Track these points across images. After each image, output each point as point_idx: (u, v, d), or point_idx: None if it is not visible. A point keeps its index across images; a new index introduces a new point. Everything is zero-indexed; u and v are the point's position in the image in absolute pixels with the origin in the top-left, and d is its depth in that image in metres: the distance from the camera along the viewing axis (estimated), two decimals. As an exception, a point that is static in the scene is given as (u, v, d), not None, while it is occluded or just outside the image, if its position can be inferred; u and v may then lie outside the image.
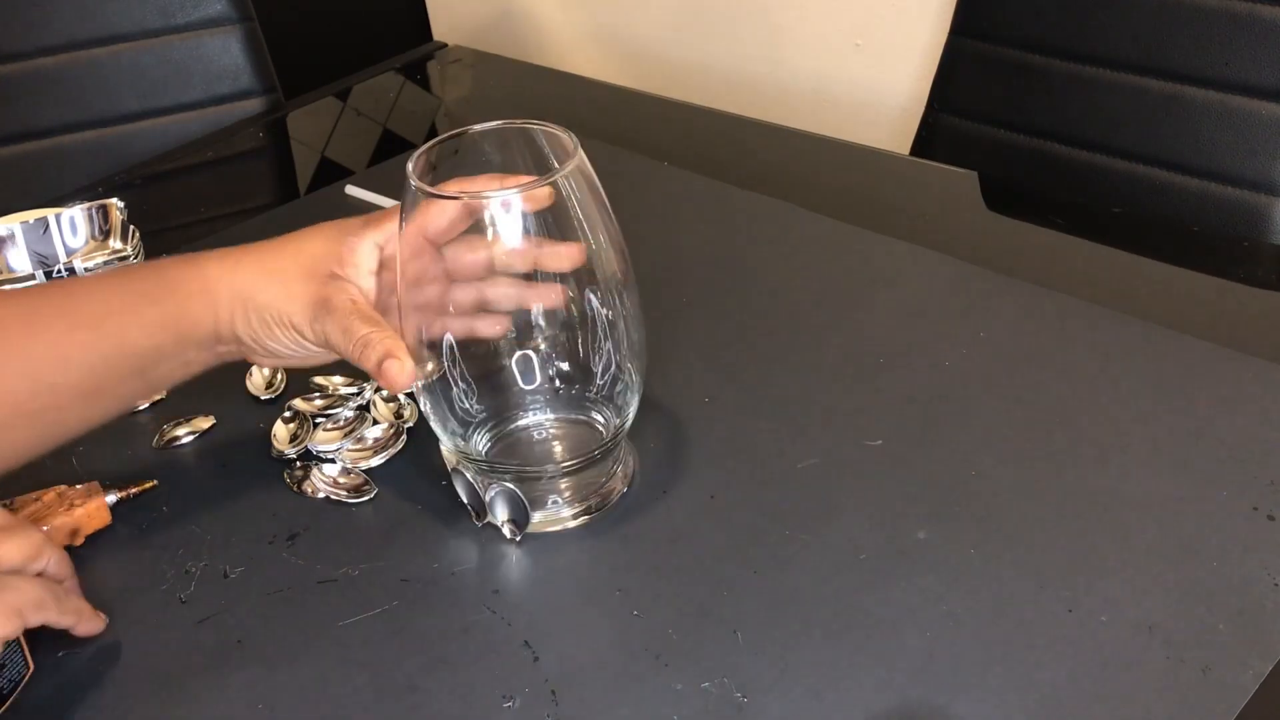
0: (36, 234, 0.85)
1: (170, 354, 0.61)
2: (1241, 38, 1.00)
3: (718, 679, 0.55)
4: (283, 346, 0.62)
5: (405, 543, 0.64)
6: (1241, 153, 1.01)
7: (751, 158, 1.06)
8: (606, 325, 0.61)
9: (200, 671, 0.57)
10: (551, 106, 1.21)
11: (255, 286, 0.61)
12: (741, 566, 0.61)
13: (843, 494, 0.65)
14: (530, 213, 0.58)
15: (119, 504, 0.66)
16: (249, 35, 1.25)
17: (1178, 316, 0.77)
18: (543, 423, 0.66)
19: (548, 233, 0.58)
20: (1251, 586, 0.57)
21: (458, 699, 0.55)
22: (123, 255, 0.82)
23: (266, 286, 0.61)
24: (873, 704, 0.53)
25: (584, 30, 1.85)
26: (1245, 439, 0.66)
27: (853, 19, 1.52)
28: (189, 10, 1.23)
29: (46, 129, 1.21)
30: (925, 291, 0.82)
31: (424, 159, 0.59)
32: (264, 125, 1.24)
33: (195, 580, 0.62)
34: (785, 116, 1.13)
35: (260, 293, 0.60)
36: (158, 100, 1.23)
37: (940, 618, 0.57)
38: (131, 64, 1.22)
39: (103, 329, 0.59)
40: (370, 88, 1.26)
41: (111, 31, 1.21)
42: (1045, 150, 1.13)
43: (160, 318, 0.60)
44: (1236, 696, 0.52)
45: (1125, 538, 0.60)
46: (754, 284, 0.84)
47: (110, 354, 0.59)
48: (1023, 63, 1.13)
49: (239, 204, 1.07)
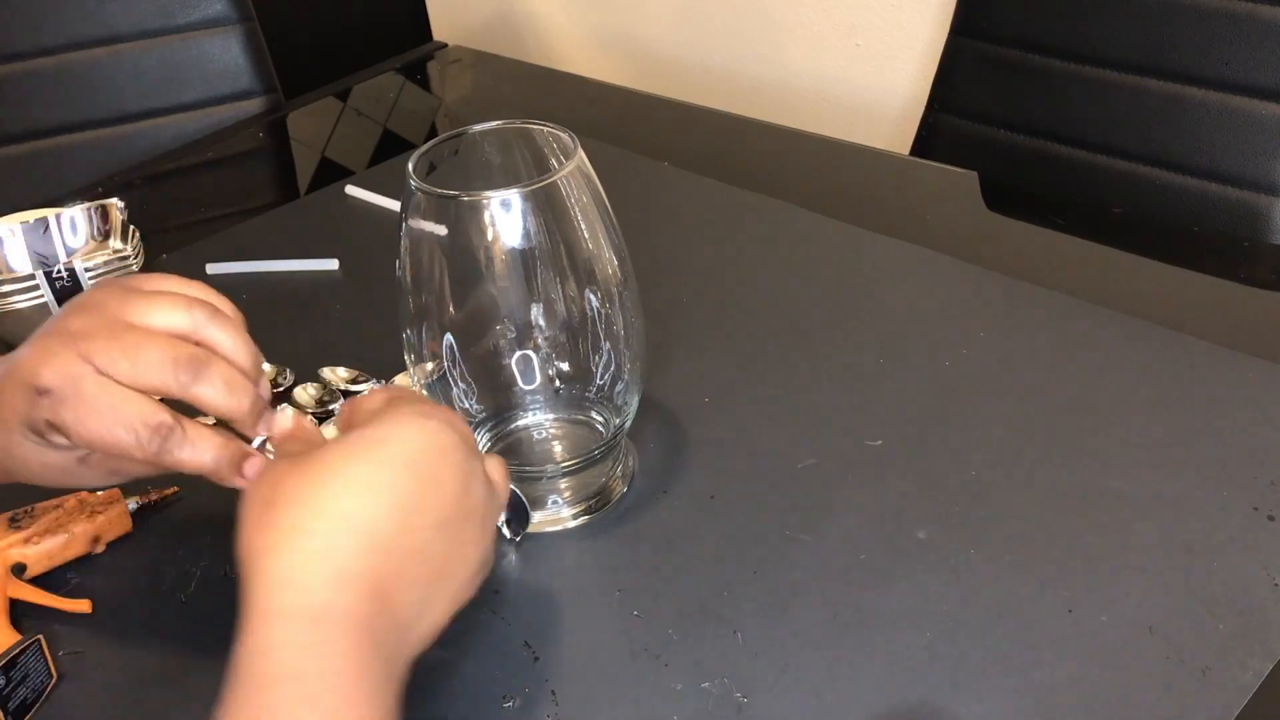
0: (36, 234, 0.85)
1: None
2: (1241, 38, 1.00)
3: (718, 679, 0.55)
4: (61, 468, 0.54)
5: (405, 543, 0.64)
6: (1241, 153, 1.01)
7: (751, 158, 1.06)
8: (606, 325, 0.61)
9: (200, 671, 0.57)
10: (551, 106, 1.21)
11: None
12: (741, 566, 0.61)
13: (843, 494, 0.65)
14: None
15: (139, 510, 0.66)
16: (249, 35, 1.25)
17: (1178, 316, 0.77)
18: (543, 423, 0.66)
19: (547, 234, 0.58)
20: (1251, 586, 0.57)
21: (458, 699, 0.55)
22: (123, 255, 0.82)
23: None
24: (873, 704, 0.53)
25: (584, 30, 1.85)
26: (1245, 439, 0.66)
27: (853, 19, 1.52)
28: (189, 10, 1.23)
29: (46, 129, 1.21)
30: (925, 291, 0.82)
31: (424, 159, 0.59)
32: (264, 125, 1.24)
33: (195, 580, 0.62)
34: (785, 116, 1.13)
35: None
36: (158, 100, 1.23)
37: (940, 618, 0.57)
38: (131, 64, 1.22)
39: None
40: (370, 88, 1.26)
41: (111, 31, 1.21)
42: (1045, 150, 1.13)
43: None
44: (1236, 696, 0.52)
45: (1125, 538, 0.60)
46: (754, 284, 0.84)
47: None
48: (1023, 63, 1.13)
49: (239, 204, 1.07)
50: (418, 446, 0.47)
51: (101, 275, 0.81)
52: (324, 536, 0.44)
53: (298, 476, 0.46)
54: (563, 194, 0.58)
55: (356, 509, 0.45)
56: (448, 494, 0.48)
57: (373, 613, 0.43)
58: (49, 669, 0.56)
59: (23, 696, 0.55)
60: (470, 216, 0.58)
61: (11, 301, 0.79)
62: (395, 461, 0.46)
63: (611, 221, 0.61)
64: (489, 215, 0.57)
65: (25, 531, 0.62)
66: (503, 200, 0.57)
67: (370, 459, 0.46)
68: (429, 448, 0.48)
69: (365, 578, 0.44)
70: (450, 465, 0.48)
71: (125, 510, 0.65)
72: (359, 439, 0.47)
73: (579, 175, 0.58)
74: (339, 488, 0.45)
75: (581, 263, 0.60)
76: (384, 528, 0.45)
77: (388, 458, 0.47)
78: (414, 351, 0.61)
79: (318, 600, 0.43)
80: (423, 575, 0.46)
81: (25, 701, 0.55)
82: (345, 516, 0.45)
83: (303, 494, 0.45)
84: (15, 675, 0.54)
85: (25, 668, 0.54)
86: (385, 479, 0.46)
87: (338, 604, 0.43)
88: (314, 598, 0.43)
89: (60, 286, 0.80)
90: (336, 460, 0.46)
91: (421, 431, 0.48)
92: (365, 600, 0.43)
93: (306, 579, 0.43)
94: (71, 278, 0.80)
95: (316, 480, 0.46)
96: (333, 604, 0.43)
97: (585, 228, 0.59)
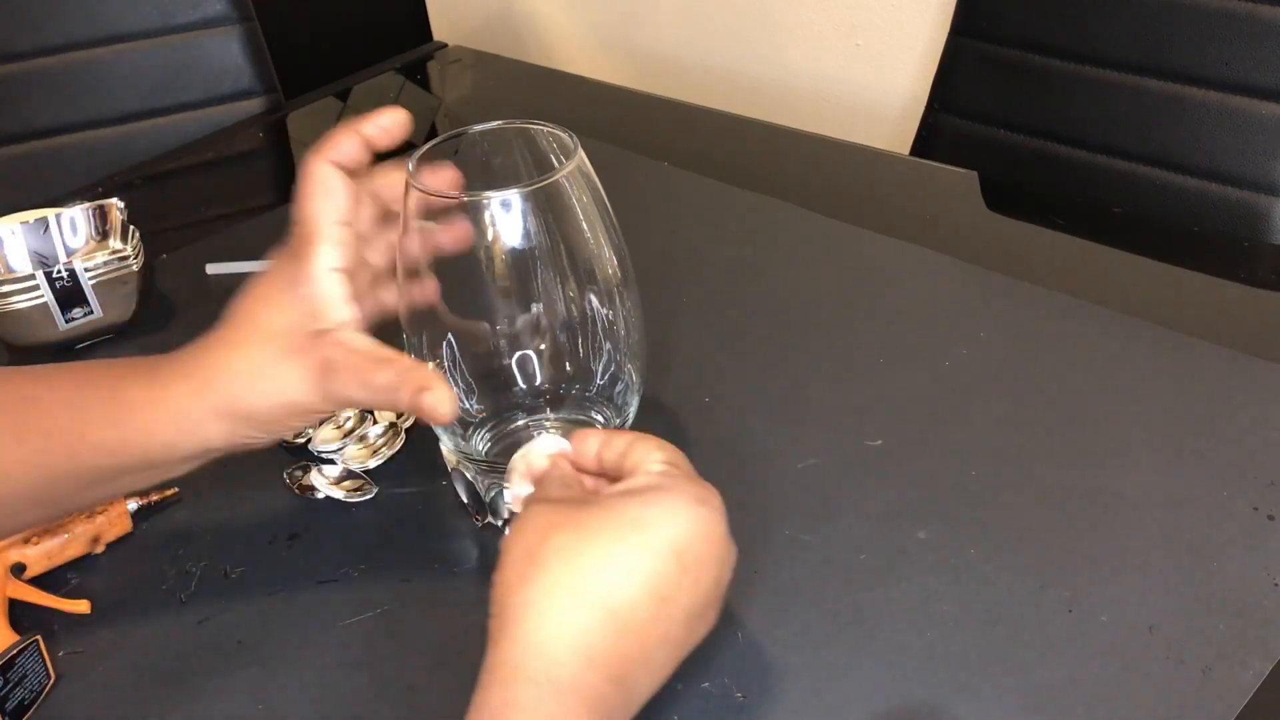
0: (36, 234, 0.85)
1: (138, 470, 0.55)
2: (1241, 38, 1.00)
3: (718, 679, 0.55)
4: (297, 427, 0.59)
5: (405, 543, 0.64)
6: (1241, 153, 1.01)
7: (751, 158, 1.06)
8: (606, 325, 0.61)
9: (200, 671, 0.57)
10: (551, 106, 1.20)
11: (237, 397, 0.54)
12: (741, 566, 0.60)
13: (843, 494, 0.65)
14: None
15: (139, 510, 0.66)
16: (249, 35, 1.25)
17: (1178, 316, 0.77)
18: (543, 423, 0.66)
19: (548, 234, 0.58)
20: (1251, 586, 0.57)
21: (458, 699, 0.55)
22: (122, 255, 0.82)
23: (249, 390, 0.54)
24: (873, 704, 0.53)
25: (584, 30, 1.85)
26: (1245, 439, 0.66)
27: (853, 19, 1.52)
28: (189, 10, 1.23)
29: (46, 129, 1.21)
30: (925, 291, 0.82)
31: (424, 159, 0.59)
32: (264, 125, 1.24)
33: (195, 580, 0.62)
34: (785, 116, 1.13)
35: (245, 400, 0.54)
36: (158, 100, 1.23)
37: (940, 618, 0.57)
38: (131, 64, 1.22)
39: (50, 445, 0.54)
40: (370, 88, 1.26)
41: (111, 31, 1.21)
42: (1045, 150, 1.13)
43: (119, 440, 0.54)
44: (1236, 696, 0.52)
45: (1125, 538, 0.60)
46: (754, 284, 0.84)
47: (60, 469, 0.54)
48: (1023, 63, 1.13)
49: (239, 204, 1.07)
50: (686, 536, 0.47)
51: (101, 275, 0.81)
52: (581, 613, 0.45)
53: (563, 536, 0.46)
54: (563, 194, 0.58)
55: (615, 591, 0.45)
56: (705, 586, 0.47)
57: (611, 693, 0.44)
58: (47, 669, 0.56)
59: (20, 697, 0.55)
60: (470, 217, 0.58)
61: (11, 301, 0.79)
62: (663, 550, 0.46)
63: (612, 221, 0.61)
64: (489, 215, 0.57)
65: (25, 531, 0.62)
66: (503, 200, 0.57)
67: (637, 544, 0.46)
68: (697, 538, 0.47)
69: (611, 660, 0.45)
70: (714, 558, 0.48)
71: (125, 510, 0.65)
72: (630, 520, 0.47)
73: (579, 175, 0.58)
74: (603, 565, 0.45)
75: (582, 263, 0.60)
76: (639, 615, 0.45)
77: (654, 544, 0.46)
78: (414, 352, 0.61)
79: (565, 674, 0.43)
80: (663, 660, 0.47)
81: (23, 702, 0.55)
82: (604, 598, 0.45)
83: (567, 561, 0.45)
84: (13, 676, 0.54)
85: (23, 668, 0.54)
86: (649, 567, 0.46)
87: (584, 682, 0.44)
88: (563, 671, 0.43)
89: (60, 286, 0.80)
90: (604, 537, 0.46)
91: (693, 522, 0.47)
92: (607, 682, 0.44)
93: (558, 653, 0.44)
94: (71, 278, 0.80)
95: (579, 551, 0.46)
96: (579, 681, 0.43)
97: (586, 227, 0.59)
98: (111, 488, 0.57)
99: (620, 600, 0.45)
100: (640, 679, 0.46)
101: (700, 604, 0.47)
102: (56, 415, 0.55)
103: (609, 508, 0.47)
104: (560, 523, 0.47)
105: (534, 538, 0.47)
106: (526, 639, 0.44)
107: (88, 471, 0.55)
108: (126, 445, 0.54)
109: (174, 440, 0.55)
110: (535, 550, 0.46)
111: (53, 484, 0.55)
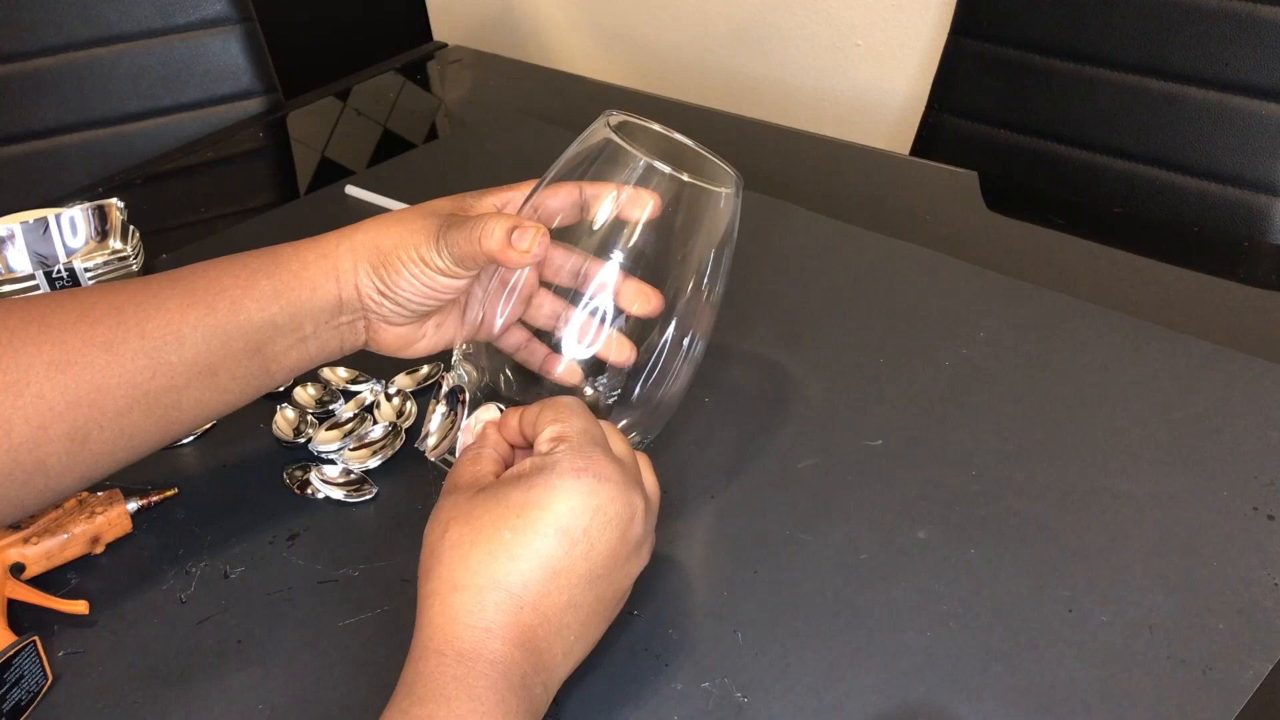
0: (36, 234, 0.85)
1: (286, 327, 0.59)
2: (1241, 38, 1.00)
3: (718, 679, 0.55)
4: (413, 293, 0.60)
5: (405, 543, 0.64)
6: (1241, 153, 1.01)
7: (751, 158, 1.06)
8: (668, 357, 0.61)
9: (200, 671, 0.57)
10: (551, 106, 1.21)
11: (376, 237, 0.60)
12: (741, 566, 0.61)
13: (843, 494, 0.65)
14: (639, 220, 0.58)
15: (139, 511, 0.66)
16: (249, 35, 1.25)
17: (1178, 316, 0.77)
18: None
19: (645, 258, 0.58)
20: (1251, 586, 0.57)
21: (457, 699, 0.55)
22: (122, 255, 0.82)
23: (387, 233, 0.60)
24: (873, 704, 0.53)
25: (584, 30, 1.85)
26: (1245, 439, 0.66)
27: (852, 19, 1.52)
28: (189, 10, 1.22)
29: (46, 129, 1.21)
30: (925, 291, 0.82)
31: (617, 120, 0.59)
32: (264, 125, 1.24)
33: (195, 580, 0.62)
34: (785, 116, 1.13)
35: (382, 239, 0.60)
36: (158, 100, 1.23)
37: (940, 618, 0.57)
38: (131, 64, 1.22)
39: (216, 304, 0.58)
40: (370, 88, 1.26)
41: (111, 31, 1.21)
42: (1045, 150, 1.13)
43: (274, 288, 0.59)
44: (1236, 696, 0.52)
45: (1125, 538, 0.60)
46: (754, 284, 0.84)
47: (225, 329, 0.58)
48: (1023, 63, 1.13)
49: (239, 204, 1.07)
50: (568, 512, 0.50)
51: (101, 275, 0.81)
52: (474, 593, 0.49)
53: (457, 530, 0.51)
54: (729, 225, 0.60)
55: (507, 575, 0.49)
56: (600, 551, 0.50)
57: (519, 658, 0.48)
58: (45, 670, 0.56)
59: (17, 698, 0.55)
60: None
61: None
62: (546, 529, 0.50)
63: (722, 267, 0.61)
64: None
65: (24, 531, 0.62)
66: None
67: (520, 528, 0.50)
68: (581, 510, 0.50)
69: (510, 630, 0.48)
70: (602, 523, 0.51)
71: (125, 510, 0.65)
72: (514, 506, 0.50)
73: (732, 214, 0.60)
74: (492, 553, 0.49)
75: (697, 294, 0.60)
76: (531, 590, 0.49)
77: (537, 525, 0.50)
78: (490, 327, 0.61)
79: (466, 644, 0.48)
80: (571, 623, 0.50)
81: (20, 703, 0.55)
82: (496, 581, 0.49)
83: (462, 555, 0.50)
84: (10, 676, 0.54)
85: (20, 669, 0.54)
86: (536, 546, 0.49)
87: (486, 648, 0.48)
88: (463, 642, 0.48)
89: (60, 286, 0.80)
90: (492, 528, 0.50)
91: (573, 495, 0.50)
92: (511, 647, 0.48)
93: (456, 629, 0.48)
94: (71, 278, 0.80)
95: (472, 543, 0.50)
96: (482, 647, 0.48)
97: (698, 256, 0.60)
98: (263, 359, 0.59)
99: (513, 580, 0.49)
100: (552, 644, 0.50)
101: (601, 567, 0.51)
102: (221, 277, 0.59)
103: (497, 497, 0.51)
104: (457, 516, 0.51)
105: (436, 533, 0.51)
106: (431, 625, 0.49)
107: (247, 332, 0.58)
108: (280, 293, 0.58)
109: (317, 282, 0.59)
110: (435, 546, 0.51)
111: (217, 348, 0.58)
